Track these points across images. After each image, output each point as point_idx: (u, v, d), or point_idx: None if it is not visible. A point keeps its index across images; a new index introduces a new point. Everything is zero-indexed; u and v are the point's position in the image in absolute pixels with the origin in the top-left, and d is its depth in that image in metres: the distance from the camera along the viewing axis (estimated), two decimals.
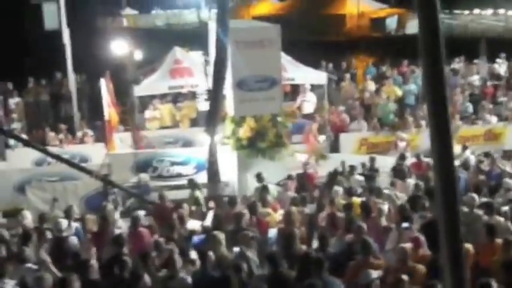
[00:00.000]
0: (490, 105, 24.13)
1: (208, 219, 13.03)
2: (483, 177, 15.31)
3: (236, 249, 10.28)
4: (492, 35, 32.92)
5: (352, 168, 17.05)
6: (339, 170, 17.20)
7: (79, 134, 23.75)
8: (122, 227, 13.02)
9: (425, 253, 9.53)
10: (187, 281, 9.38)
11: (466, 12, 56.42)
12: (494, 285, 7.65)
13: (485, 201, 12.39)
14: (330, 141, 21.66)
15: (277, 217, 12.86)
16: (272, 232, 11.78)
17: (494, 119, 23.10)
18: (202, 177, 17.00)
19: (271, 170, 17.23)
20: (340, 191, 14.14)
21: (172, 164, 18.88)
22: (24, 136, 22.51)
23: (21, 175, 18.87)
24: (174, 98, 24.91)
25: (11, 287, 8.55)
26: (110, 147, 19.53)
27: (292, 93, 25.26)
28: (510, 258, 9.17)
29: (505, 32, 44.64)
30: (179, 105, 24.09)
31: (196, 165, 18.57)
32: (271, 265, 9.02)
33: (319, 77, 23.65)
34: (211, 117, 17.06)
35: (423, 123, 21.01)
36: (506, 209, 12.02)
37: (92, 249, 11.47)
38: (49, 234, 12.10)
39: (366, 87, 26.17)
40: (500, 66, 28.15)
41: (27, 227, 13.23)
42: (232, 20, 18.50)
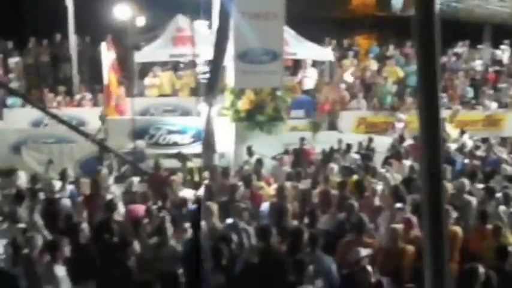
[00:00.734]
0: (491, 91, 24.09)
1: (201, 189, 13.04)
2: (477, 163, 15.33)
3: (229, 220, 10.29)
4: (497, 21, 32.72)
5: (348, 146, 17.06)
6: (335, 147, 17.20)
7: (77, 97, 23.70)
8: (115, 193, 13.02)
9: (417, 235, 9.55)
10: (177, 249, 9.40)
11: None
12: (481, 270, 7.68)
13: (486, 186, 12.55)
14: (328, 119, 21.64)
15: (271, 191, 12.87)
16: (265, 206, 11.79)
17: (495, 105, 23.09)
18: (198, 147, 16.98)
19: (268, 143, 17.24)
20: (335, 169, 14.16)
21: (169, 133, 18.86)
22: None
23: (17, 135, 18.86)
24: (175, 66, 24.82)
25: (2, 246, 8.55)
26: (107, 112, 19.48)
27: (293, 68, 25.16)
28: (501, 244, 9.19)
29: (510, 18, 44.36)
30: (179, 73, 24.01)
31: (193, 135, 18.55)
32: (262, 238, 9.03)
33: (322, 53, 23.57)
34: (210, 88, 16.99)
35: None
36: (499, 195, 12.05)
37: (84, 213, 11.50)
38: (42, 195, 12.09)
39: (367, 66, 26.07)
40: (504, 53, 28.01)
41: (21, 187, 13.23)
42: None
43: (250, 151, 16.29)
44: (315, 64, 23.89)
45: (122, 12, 23.28)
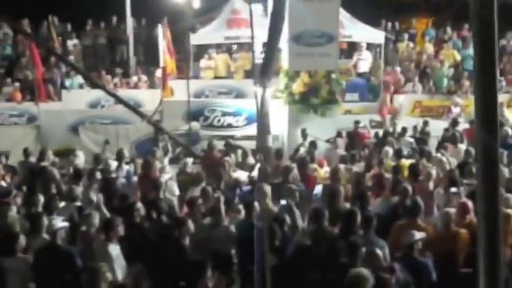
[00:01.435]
0: None
1: (255, 171, 13.09)
2: None
3: (283, 202, 10.33)
4: None
5: (403, 129, 16.92)
6: (390, 130, 17.08)
7: (134, 79, 23.98)
8: (170, 173, 13.19)
9: (473, 219, 9.42)
10: (231, 229, 9.48)
11: None
12: None
13: None
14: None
15: (323, 173, 12.85)
16: (317, 188, 11.79)
17: None
18: (253, 129, 17.05)
19: (322, 126, 17.21)
20: (390, 152, 14.06)
21: (224, 115, 18.99)
22: (79, 78, 22.85)
23: (75, 116, 19.25)
24: (230, 49, 24.89)
25: (59, 222, 8.73)
26: (164, 94, 19.68)
27: (348, 50, 24.99)
28: None
29: None
30: (234, 56, 24.07)
31: (247, 117, 18.64)
32: (315, 221, 9.04)
33: (377, 35, 23.35)
34: (264, 69, 16.96)
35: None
36: None
37: (138, 192, 11.68)
38: (98, 175, 12.31)
39: (424, 50, 25.73)
40: None
41: (79, 166, 13.50)
42: None
43: (305, 133, 16.29)
44: (370, 47, 23.68)
45: None
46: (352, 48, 24.58)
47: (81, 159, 14.63)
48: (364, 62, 23.08)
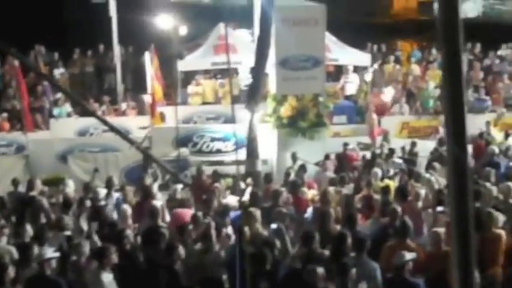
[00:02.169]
0: None
1: (245, 195, 13.11)
2: None
3: (273, 226, 10.33)
4: None
5: (391, 151, 17.00)
6: (377, 152, 17.17)
7: (123, 106, 24.01)
8: (160, 200, 13.17)
9: None
10: (221, 255, 9.47)
11: None
12: None
13: None
14: None
15: (310, 195, 12.92)
16: (308, 211, 11.82)
17: None
18: (242, 154, 17.06)
19: (311, 149, 17.27)
20: (379, 173, 14.13)
21: (213, 140, 19.00)
22: (68, 106, 22.87)
23: (64, 145, 19.18)
24: (217, 75, 24.99)
25: (49, 252, 8.71)
26: (154, 120, 19.68)
27: (335, 73, 25.13)
28: None
29: None
30: (222, 81, 24.16)
31: (236, 142, 18.63)
32: (306, 244, 9.06)
33: (363, 58, 23.52)
34: (252, 94, 17.09)
35: (466, 109, 20.72)
36: None
37: (129, 220, 11.64)
38: (88, 203, 12.29)
39: (410, 71, 25.93)
40: None
41: (69, 195, 13.47)
42: None
43: (295, 157, 16.34)
44: (357, 70, 23.84)
45: (164, 22, 23.60)
46: (339, 71, 24.75)
47: (70, 188, 14.59)
48: (351, 84, 23.24)
